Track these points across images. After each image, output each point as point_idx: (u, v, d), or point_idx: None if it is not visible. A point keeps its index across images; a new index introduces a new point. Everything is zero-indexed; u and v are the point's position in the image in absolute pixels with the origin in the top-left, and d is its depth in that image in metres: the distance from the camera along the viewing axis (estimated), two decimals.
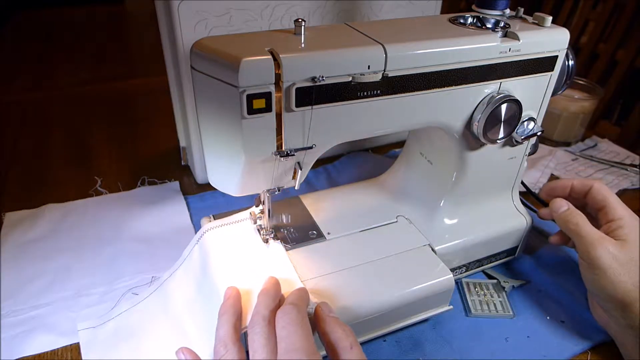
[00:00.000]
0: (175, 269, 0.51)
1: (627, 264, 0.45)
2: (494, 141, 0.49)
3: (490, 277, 0.57)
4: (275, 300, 0.40)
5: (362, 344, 0.47)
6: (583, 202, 0.53)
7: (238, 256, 0.48)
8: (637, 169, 0.79)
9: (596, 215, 0.52)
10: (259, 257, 0.49)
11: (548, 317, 0.52)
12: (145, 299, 0.51)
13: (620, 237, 0.47)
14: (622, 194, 0.74)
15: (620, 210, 0.49)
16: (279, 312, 0.37)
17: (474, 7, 0.50)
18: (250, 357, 0.36)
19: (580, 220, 0.49)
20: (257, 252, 0.49)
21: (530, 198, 0.66)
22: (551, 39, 0.47)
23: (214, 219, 0.53)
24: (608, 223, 0.49)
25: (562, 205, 0.51)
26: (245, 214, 0.53)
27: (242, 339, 0.40)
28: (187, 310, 0.48)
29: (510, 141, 0.52)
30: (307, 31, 0.40)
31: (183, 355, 0.40)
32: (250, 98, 0.36)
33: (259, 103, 0.36)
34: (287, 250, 0.50)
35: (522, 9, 0.50)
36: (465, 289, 0.55)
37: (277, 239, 0.50)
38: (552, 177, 0.78)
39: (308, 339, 0.35)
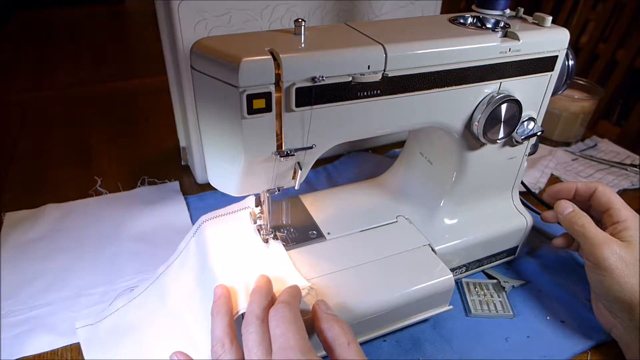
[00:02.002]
0: (171, 262, 0.51)
1: (633, 265, 0.45)
2: (494, 141, 0.49)
3: (490, 277, 0.57)
4: (268, 298, 0.40)
5: (362, 344, 0.47)
6: (587, 204, 0.53)
7: (235, 246, 0.48)
8: (637, 169, 0.79)
9: (600, 217, 0.52)
10: (258, 251, 0.49)
11: (548, 317, 0.52)
12: (142, 293, 0.51)
13: (626, 238, 0.47)
14: (622, 194, 0.74)
15: (625, 212, 0.49)
16: (272, 311, 0.37)
17: (474, 7, 0.50)
18: (246, 356, 0.36)
19: (586, 222, 0.49)
20: (256, 247, 0.49)
21: (530, 198, 0.66)
22: (551, 39, 0.47)
23: None
24: (613, 225, 0.49)
25: (567, 207, 0.51)
26: (241, 204, 0.53)
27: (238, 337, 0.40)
28: (186, 302, 0.48)
29: (510, 141, 0.52)
30: (307, 31, 0.40)
31: (176, 357, 0.40)
32: (250, 98, 0.36)
33: (259, 103, 0.36)
34: (287, 250, 0.50)
35: (522, 9, 0.50)
36: (465, 289, 0.55)
37: (277, 239, 0.50)
38: (552, 177, 0.78)
39: (302, 337, 0.35)
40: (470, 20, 0.48)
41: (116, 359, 0.45)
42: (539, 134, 0.51)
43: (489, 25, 0.47)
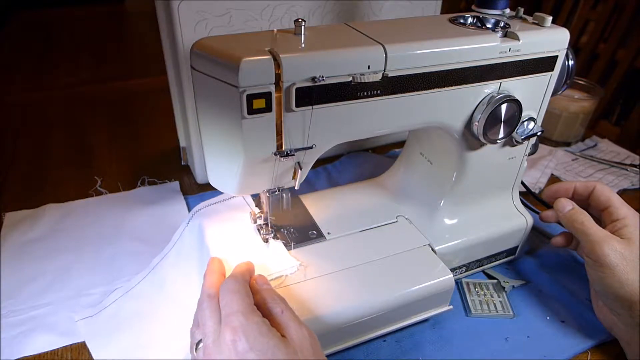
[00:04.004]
0: (166, 253, 0.52)
1: (633, 262, 0.45)
2: (494, 141, 0.49)
3: (490, 277, 0.57)
4: (220, 277, 0.43)
5: (362, 344, 0.47)
6: (586, 203, 0.53)
7: (229, 230, 0.50)
8: (637, 169, 0.79)
9: (600, 216, 0.52)
10: (251, 235, 0.51)
11: (548, 317, 0.52)
12: (139, 283, 0.52)
13: (625, 235, 0.47)
14: (622, 194, 0.74)
15: (624, 209, 0.49)
16: (220, 286, 0.40)
17: (474, 7, 0.50)
18: (201, 330, 0.38)
19: (586, 219, 0.49)
20: (249, 232, 0.51)
21: (530, 198, 0.66)
22: (551, 39, 0.47)
23: None
24: (613, 223, 0.49)
25: (566, 205, 0.51)
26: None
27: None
28: (185, 287, 0.50)
29: (510, 141, 0.52)
30: (307, 31, 0.40)
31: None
32: (251, 98, 0.36)
33: (259, 103, 0.36)
34: (287, 250, 0.50)
35: (522, 9, 0.50)
36: (465, 289, 0.55)
37: (277, 239, 0.50)
38: (552, 177, 0.78)
39: (244, 301, 0.37)
40: (470, 20, 0.48)
41: (120, 346, 0.46)
42: (539, 134, 0.51)
43: (489, 25, 0.47)
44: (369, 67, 0.39)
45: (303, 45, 0.38)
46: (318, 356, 0.37)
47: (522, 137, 0.50)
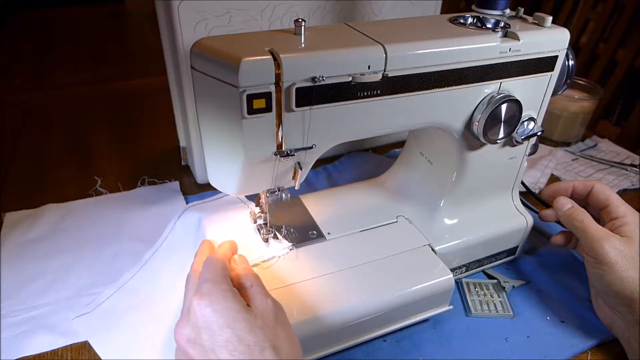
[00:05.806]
0: (157, 247, 0.54)
1: (633, 259, 0.46)
2: (494, 141, 0.49)
3: (490, 277, 0.57)
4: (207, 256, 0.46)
5: (362, 344, 0.47)
6: (585, 202, 0.54)
7: (223, 218, 0.52)
8: (637, 169, 0.79)
9: (599, 215, 0.52)
10: (245, 220, 0.52)
11: (548, 317, 0.52)
12: (132, 278, 0.53)
13: (625, 233, 0.47)
14: (622, 194, 0.74)
15: (623, 208, 0.50)
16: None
17: (474, 7, 0.50)
18: (185, 301, 0.41)
19: (585, 218, 0.49)
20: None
21: (530, 198, 0.66)
22: (551, 39, 0.47)
23: None
24: (612, 221, 0.50)
25: (566, 203, 0.52)
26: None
27: None
28: (180, 276, 0.50)
29: (510, 141, 0.52)
30: (307, 31, 0.40)
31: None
32: (250, 98, 0.36)
33: (259, 103, 0.36)
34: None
35: (522, 9, 0.50)
36: (465, 289, 0.55)
37: (277, 239, 0.50)
38: (552, 177, 0.78)
39: (217, 272, 0.40)
40: (470, 20, 0.48)
41: (119, 340, 0.47)
42: (539, 134, 0.51)
43: (489, 25, 0.47)
44: (369, 67, 0.39)
45: (303, 45, 0.38)
46: (281, 325, 0.38)
47: (522, 137, 0.50)
